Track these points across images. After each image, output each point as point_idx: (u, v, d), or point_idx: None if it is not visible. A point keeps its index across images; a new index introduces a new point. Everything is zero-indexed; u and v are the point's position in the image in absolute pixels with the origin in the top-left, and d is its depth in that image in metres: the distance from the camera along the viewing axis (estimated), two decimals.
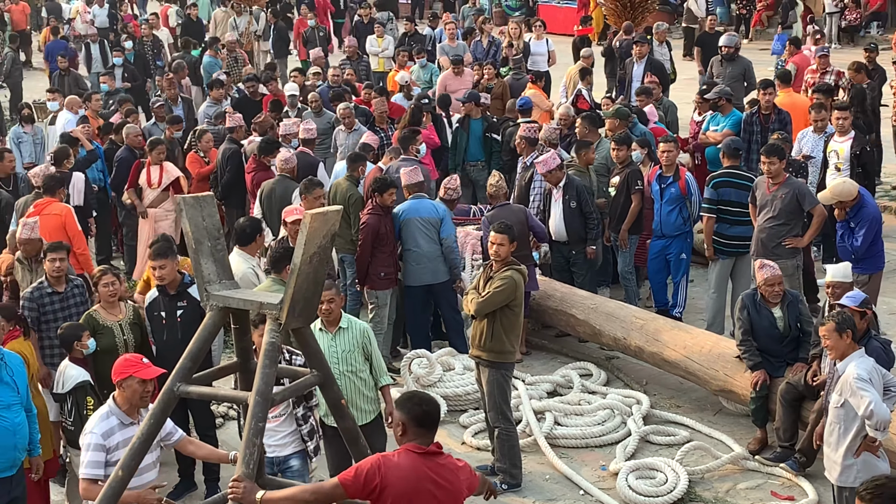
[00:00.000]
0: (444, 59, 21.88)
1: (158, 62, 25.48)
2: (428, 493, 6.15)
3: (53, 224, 12.94)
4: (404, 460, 6.13)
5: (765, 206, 12.39)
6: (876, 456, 7.96)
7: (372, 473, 6.05)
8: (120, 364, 8.01)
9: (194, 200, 7.28)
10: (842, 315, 8.29)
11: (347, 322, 9.25)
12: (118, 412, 7.88)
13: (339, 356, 9.01)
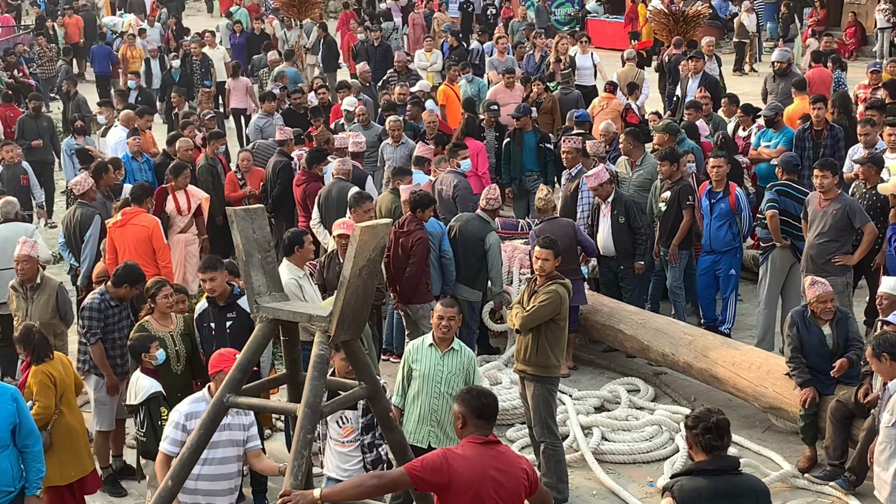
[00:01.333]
0: (493, 73, 21.92)
1: (206, 82, 25.53)
2: (492, 480, 6.27)
3: (140, 235, 12.94)
4: (468, 451, 6.28)
5: (815, 222, 12.34)
6: None
7: (439, 465, 6.18)
8: (215, 358, 8.36)
9: (245, 213, 7.34)
10: (880, 338, 8.27)
11: (459, 346, 9.20)
12: (206, 396, 8.19)
13: (443, 377, 8.99)
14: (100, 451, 11.08)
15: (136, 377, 9.57)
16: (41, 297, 11.05)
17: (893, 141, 14.22)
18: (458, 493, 6.18)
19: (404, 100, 19.11)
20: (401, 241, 12.38)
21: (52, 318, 11.06)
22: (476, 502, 6.23)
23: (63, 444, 9.62)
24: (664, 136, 14.57)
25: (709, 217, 13.19)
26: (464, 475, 6.18)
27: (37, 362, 9.59)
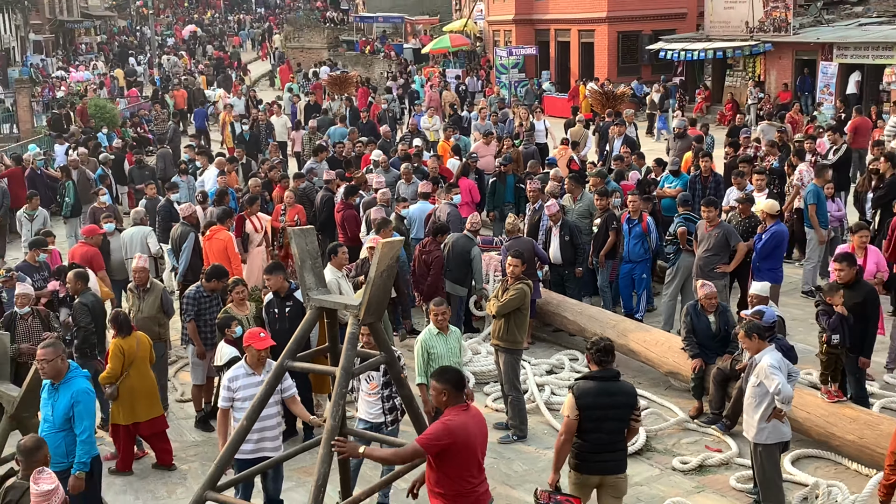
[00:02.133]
0: (476, 133, 21.97)
1: (269, 139, 25.51)
2: (475, 435, 6.46)
3: (219, 247, 12.97)
4: (457, 417, 6.36)
5: (702, 242, 12.38)
6: (781, 422, 7.93)
7: (443, 433, 6.29)
8: (247, 336, 8.36)
9: (301, 231, 7.40)
10: (749, 323, 8.33)
11: (451, 329, 9.25)
12: (245, 366, 8.23)
13: (449, 349, 9.00)
14: (195, 399, 11.17)
15: (220, 346, 9.72)
16: (150, 297, 10.94)
17: (760, 184, 14.32)
18: (458, 448, 6.31)
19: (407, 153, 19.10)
20: (423, 258, 12.45)
21: (157, 312, 10.96)
22: (469, 452, 6.39)
23: (124, 397, 9.65)
24: (597, 179, 14.75)
25: (628, 237, 13.24)
26: (459, 435, 6.29)
27: (118, 336, 9.67)
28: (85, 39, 71.83)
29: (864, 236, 11.41)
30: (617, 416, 7.25)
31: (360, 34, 58.13)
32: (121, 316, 9.94)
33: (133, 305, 10.84)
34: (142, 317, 10.74)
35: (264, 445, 8.14)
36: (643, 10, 37.94)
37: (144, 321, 10.69)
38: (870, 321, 9.87)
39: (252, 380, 8.09)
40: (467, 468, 6.43)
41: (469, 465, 6.44)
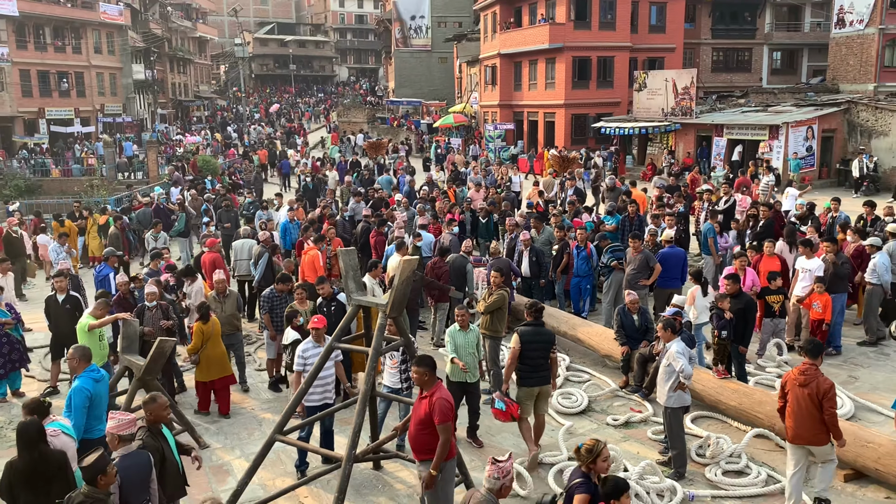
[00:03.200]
0: (471, 183, 21.97)
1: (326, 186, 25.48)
2: None
3: (310, 259, 13.02)
4: (445, 391, 6.26)
5: (630, 263, 12.33)
6: (684, 392, 7.89)
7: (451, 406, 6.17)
8: (311, 321, 8.38)
9: (345, 251, 7.38)
10: (664, 319, 8.31)
11: (471, 328, 8.78)
12: (312, 342, 8.23)
13: (467, 341, 8.62)
14: (269, 368, 11.10)
15: (287, 331, 9.65)
16: (229, 301, 10.77)
17: (670, 223, 14.29)
18: None
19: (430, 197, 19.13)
20: (433, 271, 12.36)
21: (234, 311, 10.80)
22: None
23: (202, 363, 9.83)
24: (558, 219, 14.59)
25: (577, 259, 13.15)
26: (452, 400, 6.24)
27: (200, 321, 9.88)
28: (196, 113, 72.12)
29: (743, 261, 11.40)
30: (543, 349, 8.26)
31: (390, 112, 58.31)
32: (202, 308, 10.07)
33: (216, 308, 10.65)
34: (224, 315, 10.61)
35: (326, 395, 8.16)
36: (590, 99, 38.06)
37: (227, 318, 10.61)
38: (748, 321, 9.88)
39: (317, 350, 8.10)
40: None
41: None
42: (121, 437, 5.72)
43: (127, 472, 5.61)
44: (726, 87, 43.55)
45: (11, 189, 32.72)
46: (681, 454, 7.96)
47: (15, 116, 44.37)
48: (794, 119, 27.93)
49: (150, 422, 6.15)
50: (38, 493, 5.87)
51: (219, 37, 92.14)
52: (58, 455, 6.02)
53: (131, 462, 5.68)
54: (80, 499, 5.16)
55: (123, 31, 54.29)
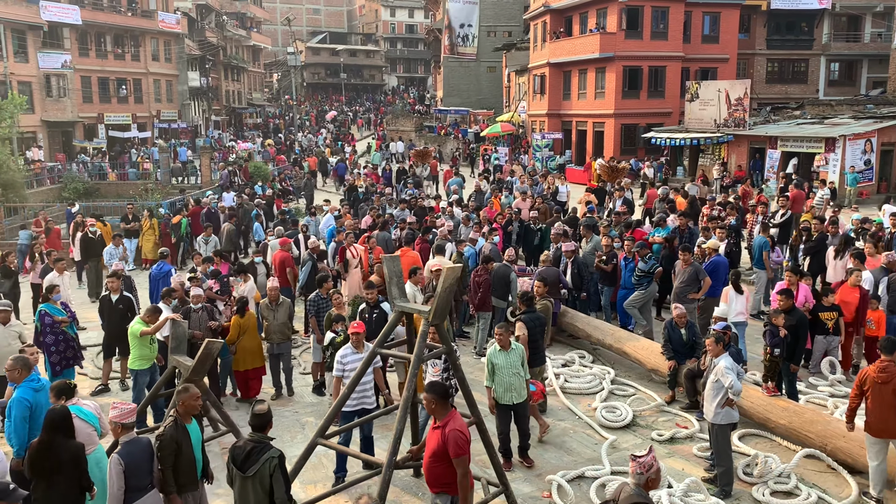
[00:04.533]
0: (517, 192, 21.86)
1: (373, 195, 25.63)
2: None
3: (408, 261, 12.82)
4: (459, 422, 6.00)
5: (679, 276, 12.14)
6: (731, 408, 7.71)
7: (466, 436, 5.94)
8: (351, 326, 8.41)
9: (390, 258, 7.40)
10: (715, 333, 8.13)
11: (514, 345, 8.39)
12: (351, 347, 8.25)
13: (509, 363, 8.24)
14: (314, 372, 11.24)
15: (328, 334, 9.65)
16: (281, 309, 10.72)
17: (720, 235, 13.97)
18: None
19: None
20: (476, 280, 12.28)
21: (286, 320, 10.74)
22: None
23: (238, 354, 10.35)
24: (606, 229, 14.45)
25: (625, 271, 12.95)
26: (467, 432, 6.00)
27: (237, 315, 10.33)
28: (248, 120, 73.48)
29: (792, 277, 11.12)
30: (540, 331, 9.64)
31: (438, 121, 58.53)
32: (241, 302, 10.50)
33: (268, 316, 10.65)
34: (277, 324, 10.58)
35: (363, 401, 8.16)
36: (640, 109, 37.63)
37: (279, 327, 10.58)
38: (800, 338, 9.63)
39: (356, 356, 8.14)
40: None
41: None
42: (123, 425, 6.15)
43: (131, 458, 6.02)
44: (781, 98, 42.64)
45: (70, 192, 33.75)
46: (727, 472, 7.77)
47: (76, 121, 45.81)
48: (852, 132, 27.18)
49: (181, 412, 6.38)
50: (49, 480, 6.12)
51: (272, 45, 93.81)
52: (74, 446, 6.24)
53: (133, 448, 6.10)
54: (251, 445, 5.81)
55: (180, 40, 55.70)
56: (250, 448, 5.79)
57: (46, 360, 10.32)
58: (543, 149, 39.05)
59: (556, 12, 41.34)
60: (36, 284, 14.81)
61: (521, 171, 29.90)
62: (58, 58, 44.12)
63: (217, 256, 13.80)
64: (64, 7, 44.49)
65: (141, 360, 9.83)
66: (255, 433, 5.89)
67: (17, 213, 26.29)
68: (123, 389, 11.13)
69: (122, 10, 50.68)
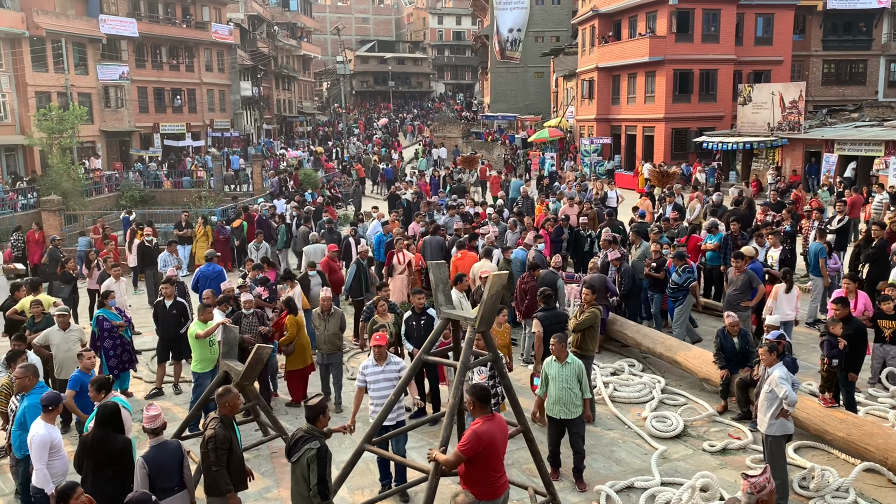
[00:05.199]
0: (565, 198, 21.72)
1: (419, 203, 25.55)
2: (499, 439, 6.05)
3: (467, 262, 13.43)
4: (484, 426, 5.96)
5: (732, 283, 11.88)
6: (786, 419, 7.51)
7: (475, 441, 5.90)
8: (373, 338, 8.17)
9: (436, 265, 7.41)
10: (769, 343, 7.92)
11: (571, 359, 8.17)
12: (372, 359, 8.08)
13: (563, 375, 8.05)
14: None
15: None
16: (333, 319, 10.52)
17: (773, 241, 13.63)
18: (487, 451, 5.94)
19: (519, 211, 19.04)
20: (522, 287, 12.15)
21: (337, 330, 10.55)
22: (493, 452, 5.99)
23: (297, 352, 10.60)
24: (656, 235, 14.21)
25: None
26: (485, 440, 5.92)
27: (290, 314, 10.62)
28: (299, 129, 74.59)
29: (850, 285, 10.79)
30: (560, 327, 9.62)
31: (485, 127, 58.55)
32: (290, 302, 10.76)
33: (320, 326, 10.54)
34: (328, 334, 10.45)
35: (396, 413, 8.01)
36: (691, 113, 37.03)
37: (329, 337, 10.45)
38: (859, 347, 9.34)
39: (377, 369, 7.95)
40: (491, 465, 6.01)
41: (492, 462, 6.02)
42: (145, 429, 6.42)
43: (154, 461, 6.26)
44: (838, 100, 41.49)
45: (127, 199, 34.70)
46: (782, 485, 7.56)
47: (132, 131, 47.13)
48: None
49: (224, 413, 6.59)
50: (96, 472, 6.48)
51: (322, 55, 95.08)
52: (122, 440, 6.60)
53: (158, 452, 6.31)
54: (301, 434, 6.03)
55: (233, 50, 56.90)
56: (298, 437, 6.03)
57: (105, 364, 10.63)
58: (592, 154, 38.74)
59: (605, 16, 41.00)
60: (93, 290, 15.26)
61: (571, 175, 29.68)
62: (116, 70, 45.47)
63: (266, 264, 14.01)
64: (122, 20, 45.84)
65: (203, 362, 10.06)
66: (308, 424, 6.12)
67: (76, 221, 27.11)
68: (177, 393, 11.37)
69: (178, 22, 52.01)
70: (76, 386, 8.45)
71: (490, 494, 6.04)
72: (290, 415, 10.41)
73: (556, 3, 60.08)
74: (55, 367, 10.03)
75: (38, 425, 6.82)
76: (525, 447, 7.08)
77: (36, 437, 6.72)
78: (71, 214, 27.05)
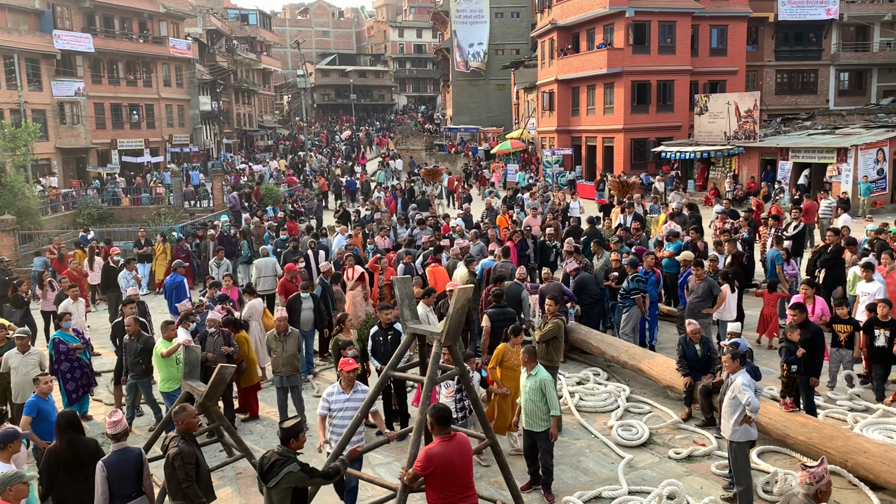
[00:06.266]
0: (529, 209, 21.85)
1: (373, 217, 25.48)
2: (456, 459, 6.02)
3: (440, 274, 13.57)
4: (438, 447, 5.98)
5: (693, 291, 12.05)
6: (750, 425, 7.62)
7: (429, 461, 5.93)
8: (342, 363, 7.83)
9: (401, 280, 7.38)
10: (733, 350, 8.04)
11: (537, 371, 8.06)
12: (338, 386, 7.71)
13: (528, 390, 8.00)
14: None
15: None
16: (290, 340, 10.10)
17: (729, 248, 13.86)
18: (441, 472, 5.95)
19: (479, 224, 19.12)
20: (488, 298, 11.89)
21: (296, 351, 10.14)
22: (449, 473, 5.97)
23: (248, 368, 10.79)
24: (616, 245, 14.35)
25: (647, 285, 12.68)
26: (438, 461, 5.93)
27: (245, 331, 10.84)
28: (260, 143, 73.99)
29: (808, 290, 11.04)
30: (507, 323, 9.77)
31: (448, 140, 58.75)
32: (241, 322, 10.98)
33: (276, 348, 10.07)
34: (285, 355, 10.01)
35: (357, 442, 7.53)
36: (649, 123, 37.62)
37: (288, 359, 10.02)
38: (817, 351, 9.53)
39: (342, 396, 7.59)
40: (448, 485, 5.96)
41: (449, 482, 5.96)
42: (107, 434, 6.57)
43: (115, 467, 6.41)
44: (791, 109, 42.51)
45: (85, 217, 34.01)
46: (747, 490, 7.66)
47: (89, 148, 46.27)
48: (864, 141, 27.04)
49: (180, 430, 6.56)
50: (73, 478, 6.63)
51: (282, 68, 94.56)
52: (92, 441, 6.80)
53: (119, 458, 6.45)
54: (275, 457, 5.91)
55: (191, 65, 56.27)
56: (274, 460, 5.92)
57: (62, 388, 10.36)
58: (553, 165, 39.07)
59: (564, 29, 41.50)
60: (48, 312, 14.89)
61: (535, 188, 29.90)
62: (71, 85, 44.65)
63: (229, 279, 13.85)
64: (77, 35, 45.07)
65: (169, 381, 9.91)
66: (282, 446, 6.00)
67: (31, 240, 26.48)
68: (138, 415, 11.13)
69: (134, 37, 51.30)
70: (32, 412, 8.24)
71: None
72: (254, 434, 10.27)
73: (515, 17, 60.63)
74: (13, 391, 9.76)
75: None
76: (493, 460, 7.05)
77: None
78: (26, 234, 26.42)
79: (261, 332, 12.10)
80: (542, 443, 8.11)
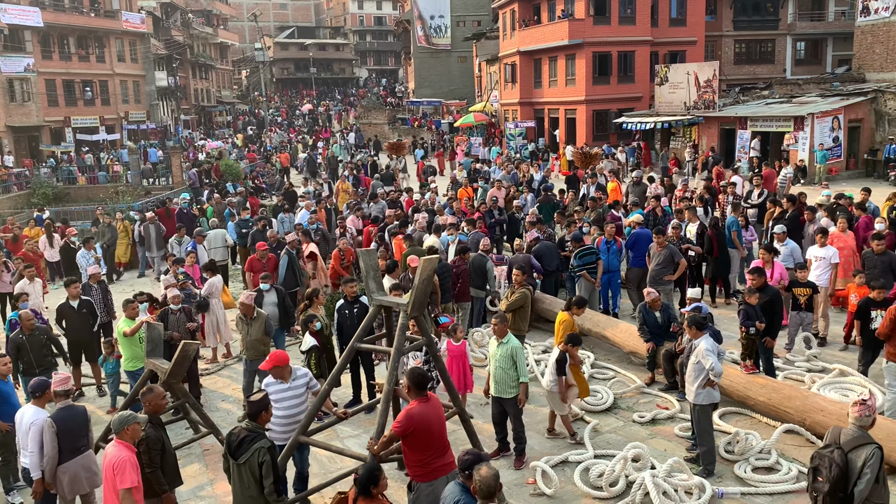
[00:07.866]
0: (495, 180, 21.85)
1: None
2: (434, 421, 6.04)
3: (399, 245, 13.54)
4: (418, 408, 5.99)
5: (655, 258, 12.20)
6: (712, 388, 7.76)
7: (407, 421, 5.93)
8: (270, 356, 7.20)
9: (366, 252, 7.35)
10: (691, 317, 8.16)
11: (508, 339, 8.07)
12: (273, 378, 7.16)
13: (498, 357, 8.02)
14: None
15: (305, 337, 9.46)
16: (256, 324, 9.76)
17: (689, 216, 14.08)
18: (419, 432, 5.96)
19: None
20: (455, 271, 12.07)
21: (262, 335, 9.80)
22: (429, 434, 6.00)
23: None
24: (581, 214, 14.47)
25: (606, 254, 12.89)
26: (419, 422, 5.95)
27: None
28: (218, 118, 72.75)
29: (766, 255, 11.24)
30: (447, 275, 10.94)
31: (411, 113, 58.38)
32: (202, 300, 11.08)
33: (242, 331, 9.79)
34: (251, 340, 9.70)
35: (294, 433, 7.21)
36: (611, 95, 37.79)
37: (253, 343, 9.70)
38: (776, 314, 9.73)
39: (280, 385, 7.07)
40: (427, 445, 6.00)
41: (428, 443, 6.00)
42: (55, 392, 6.85)
43: (63, 422, 6.70)
44: (749, 79, 43.01)
45: (39, 197, 33.20)
46: (709, 451, 7.84)
47: (42, 126, 45.04)
48: (820, 109, 27.51)
49: (148, 412, 6.43)
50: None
51: (240, 42, 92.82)
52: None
53: (67, 413, 6.79)
54: (244, 433, 5.82)
55: (146, 39, 54.89)
56: (243, 436, 5.82)
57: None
58: (517, 137, 39.10)
59: (525, 0, 41.31)
60: (4, 293, 14.57)
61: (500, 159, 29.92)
62: (20, 62, 43.30)
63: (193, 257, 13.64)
64: (24, 9, 43.63)
65: (133, 360, 9.80)
66: (250, 421, 5.89)
67: None
68: (101, 395, 10.98)
69: (85, 10, 49.83)
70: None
71: (425, 476, 6.04)
72: (220, 411, 10.20)
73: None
74: None
75: (30, 410, 6.96)
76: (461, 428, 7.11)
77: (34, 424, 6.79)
78: None
79: (220, 308, 12.02)
80: (511, 409, 8.17)
